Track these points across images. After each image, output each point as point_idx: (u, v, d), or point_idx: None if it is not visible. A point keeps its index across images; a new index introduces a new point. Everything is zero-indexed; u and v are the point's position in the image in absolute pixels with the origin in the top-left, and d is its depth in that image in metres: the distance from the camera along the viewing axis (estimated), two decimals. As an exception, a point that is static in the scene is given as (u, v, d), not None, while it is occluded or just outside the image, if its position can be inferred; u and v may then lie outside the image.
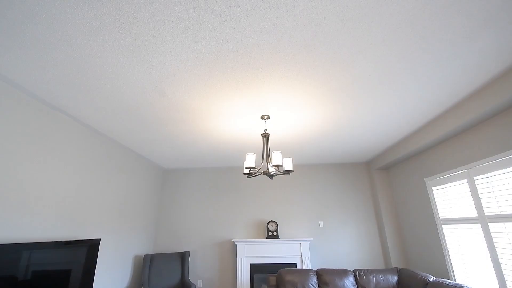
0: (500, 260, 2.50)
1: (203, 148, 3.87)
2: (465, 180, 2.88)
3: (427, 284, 2.83)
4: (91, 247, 2.67)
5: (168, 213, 4.84)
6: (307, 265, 4.14)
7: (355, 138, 3.57)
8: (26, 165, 2.24)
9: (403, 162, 4.11)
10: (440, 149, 3.28)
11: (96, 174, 3.13)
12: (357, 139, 3.63)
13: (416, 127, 3.20)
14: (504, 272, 2.45)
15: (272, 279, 3.46)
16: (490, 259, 2.60)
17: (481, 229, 2.71)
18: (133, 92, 2.29)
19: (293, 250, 4.25)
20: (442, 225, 3.28)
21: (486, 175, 2.64)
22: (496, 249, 2.54)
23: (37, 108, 2.36)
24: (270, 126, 3.09)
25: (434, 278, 2.83)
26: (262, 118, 2.83)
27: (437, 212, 3.36)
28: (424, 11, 1.48)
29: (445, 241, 3.24)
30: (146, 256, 3.90)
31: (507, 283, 2.42)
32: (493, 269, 2.57)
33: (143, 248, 4.24)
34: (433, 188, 3.42)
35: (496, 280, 2.53)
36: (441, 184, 3.28)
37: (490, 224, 2.61)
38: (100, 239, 2.78)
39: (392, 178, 4.49)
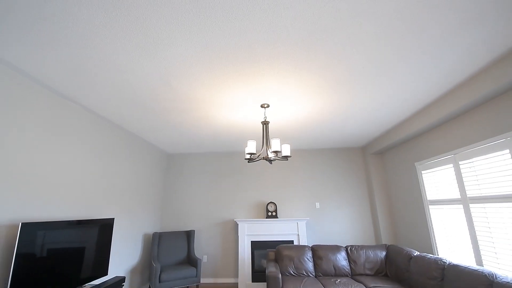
0: (477, 237, 2.76)
1: (206, 134, 4.06)
2: (451, 165, 3.09)
3: (411, 258, 3.13)
4: (107, 226, 2.93)
5: (173, 195, 5.12)
6: (303, 242, 4.47)
7: (350, 125, 3.73)
8: (46, 152, 2.44)
9: (396, 148, 4.31)
10: (429, 136, 3.46)
11: (107, 159, 3.34)
12: (353, 126, 3.80)
13: (407, 114, 3.36)
14: (481, 247, 2.72)
15: (271, 254, 3.78)
16: (469, 236, 2.87)
17: (463, 209, 2.95)
18: (141, 84, 2.43)
19: (291, 229, 4.57)
20: (429, 205, 3.54)
21: (470, 160, 2.84)
22: (475, 227, 2.79)
23: (52, 99, 2.52)
24: (270, 114, 3.25)
25: (418, 253, 3.12)
26: (262, 106, 2.99)
27: (425, 193, 3.60)
28: (413, 11, 1.60)
29: (431, 220, 3.51)
30: (154, 234, 4.21)
31: (483, 257, 2.70)
32: (471, 245, 2.84)
33: (152, 227, 4.56)
34: (422, 172, 3.64)
35: (473, 255, 2.81)
36: (429, 168, 3.49)
37: (471, 205, 2.85)
38: (114, 218, 3.05)
39: (385, 162, 4.71)
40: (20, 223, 1.96)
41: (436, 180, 3.39)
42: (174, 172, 5.27)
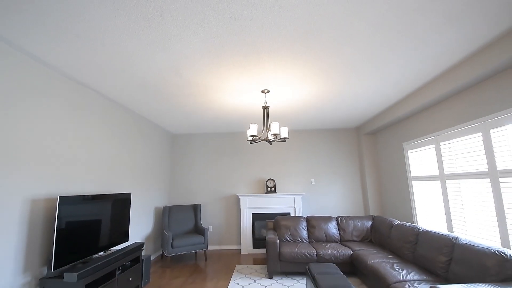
0: (450, 209, 3.17)
1: (210, 116, 4.32)
2: (433, 145, 3.42)
3: (392, 226, 3.59)
4: (126, 200, 3.32)
5: (179, 172, 5.51)
6: (299, 214, 4.95)
7: (344, 108, 4.00)
8: (69, 136, 2.73)
9: (387, 129, 4.62)
10: (415, 119, 3.75)
11: (122, 140, 3.64)
12: (347, 109, 4.07)
13: (397, 99, 3.63)
14: (452, 217, 3.14)
15: (270, 224, 4.25)
16: (443, 208, 3.29)
17: (440, 184, 3.34)
18: (153, 73, 2.66)
19: (288, 202, 5.02)
20: (412, 181, 3.93)
21: (450, 141, 3.16)
22: (449, 200, 3.19)
23: (73, 87, 2.75)
24: (270, 99, 3.51)
25: (398, 222, 3.57)
26: (262, 92, 3.23)
27: (410, 171, 3.98)
28: (398, 13, 1.82)
29: (413, 194, 3.93)
30: (164, 207, 4.65)
31: (454, 225, 3.13)
32: (445, 215, 3.27)
33: (161, 201, 4.99)
34: (409, 151, 3.99)
35: (446, 224, 3.25)
36: (415, 148, 3.83)
37: (447, 181, 3.23)
38: (130, 193, 3.43)
39: (377, 142, 5.05)
40: (58, 197, 2.31)
41: (420, 159, 3.75)
42: (179, 151, 5.61)
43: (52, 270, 2.23)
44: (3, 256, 2.06)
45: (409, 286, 2.27)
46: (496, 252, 2.07)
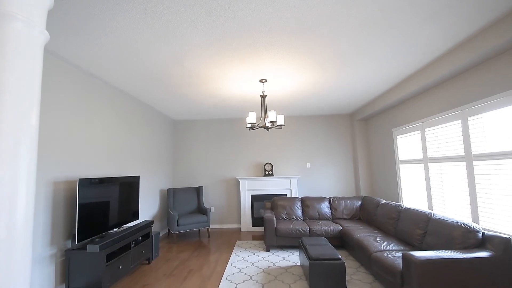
0: (431, 189, 3.50)
1: (210, 104, 4.53)
2: (419, 131, 3.69)
3: (379, 205, 3.93)
4: (135, 182, 3.60)
5: (181, 157, 5.79)
6: (295, 195, 5.30)
7: (338, 96, 4.21)
8: (82, 125, 2.96)
9: (378, 115, 4.86)
10: (404, 106, 3.99)
11: (130, 127, 3.87)
12: (340, 96, 4.28)
13: (386, 88, 3.84)
14: (433, 197, 3.47)
15: (268, 204, 4.59)
16: (425, 188, 3.61)
17: (423, 167, 3.64)
18: (157, 64, 2.85)
19: (284, 185, 5.36)
20: (400, 164, 4.24)
21: (434, 128, 3.42)
22: (431, 181, 3.51)
23: (83, 78, 2.94)
24: (268, 87, 3.70)
25: (384, 201, 3.91)
26: (260, 81, 3.43)
27: (398, 154, 4.28)
28: (384, 13, 2.00)
29: (400, 176, 4.25)
30: (169, 189, 4.97)
31: (433, 203, 3.46)
32: (426, 194, 3.60)
33: (166, 184, 5.31)
34: (398, 137, 4.26)
35: (427, 202, 3.58)
36: (403, 134, 4.10)
37: (430, 164, 3.52)
38: (139, 176, 3.71)
39: (369, 128, 5.31)
40: (78, 179, 2.59)
41: (407, 144, 4.03)
42: (181, 136, 5.86)
43: (76, 243, 2.55)
44: (33, 231, 2.36)
45: (387, 254, 2.62)
46: (462, 225, 2.40)
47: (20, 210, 0.86)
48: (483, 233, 2.33)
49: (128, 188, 3.46)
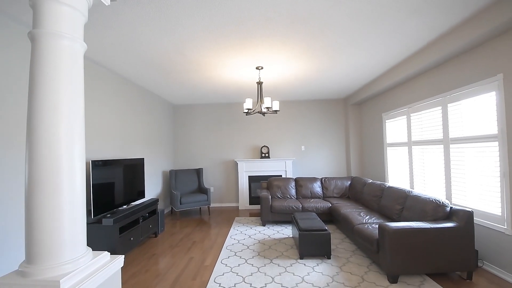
0: (414, 170, 3.81)
1: (209, 89, 4.70)
2: (405, 116, 3.94)
3: (365, 184, 4.28)
4: (141, 164, 3.88)
5: (181, 140, 6.04)
6: (290, 176, 5.63)
7: (331, 81, 4.40)
8: (92, 111, 3.16)
9: (370, 100, 5.08)
10: (393, 92, 4.21)
11: (134, 112, 4.07)
12: (334, 83, 4.47)
13: (377, 74, 4.04)
14: (414, 177, 3.79)
15: (264, 184, 4.93)
16: (408, 168, 3.93)
17: (407, 150, 3.94)
18: (159, 53, 3.01)
19: (280, 166, 5.68)
20: (387, 147, 4.53)
21: (419, 113, 3.67)
22: (413, 163, 3.82)
23: (92, 69, 3.10)
24: (264, 74, 3.88)
25: (371, 181, 4.25)
26: (257, 68, 3.61)
27: (386, 138, 4.56)
28: (369, 6, 2.18)
29: (387, 158, 4.56)
30: (171, 171, 5.27)
31: (415, 182, 3.79)
32: (409, 175, 3.92)
33: (167, 166, 5.60)
34: (387, 121, 4.52)
35: (409, 181, 3.92)
36: (391, 118, 4.36)
37: (413, 147, 3.81)
38: (143, 158, 3.98)
39: (361, 112, 5.54)
40: (90, 160, 2.84)
41: (394, 128, 4.29)
42: (181, 120, 6.07)
43: (92, 217, 2.87)
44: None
45: (368, 226, 2.98)
46: (433, 200, 2.73)
47: (77, 180, 1.13)
48: (451, 207, 2.67)
49: (134, 169, 3.74)
